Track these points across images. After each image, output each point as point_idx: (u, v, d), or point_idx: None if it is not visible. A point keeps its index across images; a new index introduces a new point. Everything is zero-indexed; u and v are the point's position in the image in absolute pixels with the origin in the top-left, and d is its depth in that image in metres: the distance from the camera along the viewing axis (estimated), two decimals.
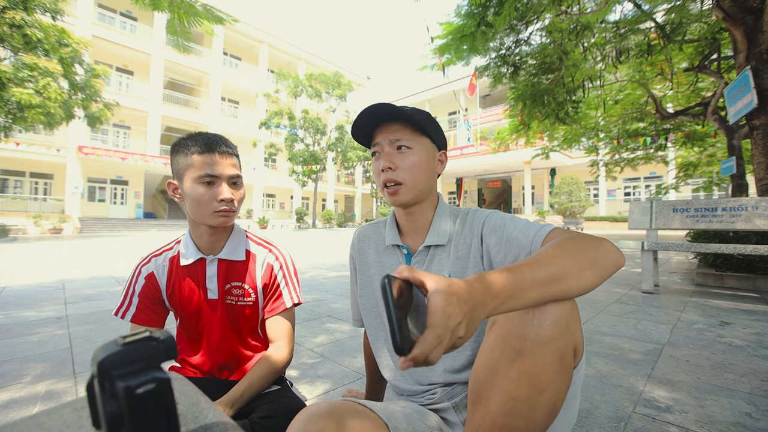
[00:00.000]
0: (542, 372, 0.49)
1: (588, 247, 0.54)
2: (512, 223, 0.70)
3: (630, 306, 2.68)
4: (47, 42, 9.48)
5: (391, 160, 0.73)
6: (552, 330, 0.49)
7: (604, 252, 0.54)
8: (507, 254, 0.68)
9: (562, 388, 0.51)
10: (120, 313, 0.93)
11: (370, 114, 0.73)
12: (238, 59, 26.24)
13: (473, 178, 27.00)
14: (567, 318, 0.50)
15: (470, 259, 0.74)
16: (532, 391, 0.49)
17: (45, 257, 6.41)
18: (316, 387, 1.40)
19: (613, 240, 10.65)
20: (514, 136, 8.25)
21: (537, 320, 0.50)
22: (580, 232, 0.60)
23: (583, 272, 0.51)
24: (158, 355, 0.24)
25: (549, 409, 0.51)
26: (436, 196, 0.81)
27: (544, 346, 0.49)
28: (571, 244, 0.53)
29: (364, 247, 0.89)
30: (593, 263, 0.52)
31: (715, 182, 10.02)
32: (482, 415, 0.52)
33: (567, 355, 0.51)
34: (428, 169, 0.76)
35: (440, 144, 0.80)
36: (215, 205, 0.86)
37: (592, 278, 0.51)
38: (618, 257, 0.55)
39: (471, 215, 0.78)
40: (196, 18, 3.32)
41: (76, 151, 17.46)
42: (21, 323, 2.28)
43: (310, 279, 4.05)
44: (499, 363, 0.51)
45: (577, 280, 0.50)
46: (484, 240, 0.73)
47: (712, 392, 1.31)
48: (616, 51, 5.15)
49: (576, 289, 0.50)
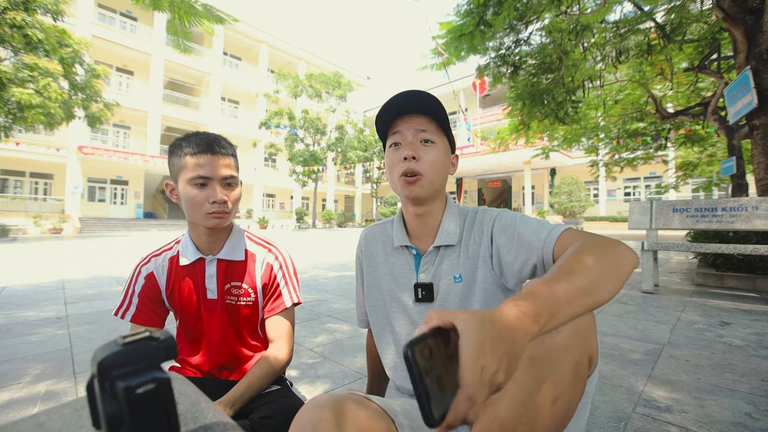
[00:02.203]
0: (557, 381, 0.48)
1: (609, 253, 0.52)
2: (523, 222, 0.69)
3: (630, 306, 2.68)
4: (48, 42, 9.49)
5: (415, 150, 0.71)
6: (569, 339, 0.49)
7: (623, 256, 0.53)
8: (518, 254, 0.67)
9: (575, 397, 0.51)
10: (120, 313, 0.93)
11: (398, 102, 0.71)
12: (238, 59, 26.24)
13: (473, 178, 26.99)
14: (584, 327, 0.50)
15: (480, 259, 0.74)
16: (545, 399, 0.48)
17: (45, 257, 6.41)
18: (316, 387, 1.40)
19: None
20: (513, 136, 8.25)
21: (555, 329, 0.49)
22: (593, 234, 0.59)
23: (609, 280, 0.49)
24: (158, 355, 0.24)
25: (560, 418, 0.50)
26: (445, 196, 0.81)
27: (561, 354, 0.48)
28: (593, 252, 0.52)
29: (372, 248, 0.88)
30: (616, 270, 0.51)
31: (715, 182, 10.02)
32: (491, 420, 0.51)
33: (582, 365, 0.50)
34: (445, 168, 0.75)
35: (453, 146, 0.80)
36: (208, 207, 0.85)
37: (617, 285, 0.50)
38: (635, 259, 0.54)
39: (480, 214, 0.78)
40: (197, 18, 3.32)
41: (76, 151, 17.47)
42: (21, 323, 2.28)
43: (310, 279, 4.05)
44: None
45: (605, 290, 0.48)
46: (494, 239, 0.72)
47: (712, 392, 1.31)
48: (616, 51, 5.15)
49: (604, 299, 0.48)
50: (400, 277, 0.80)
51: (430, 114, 0.73)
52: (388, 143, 0.76)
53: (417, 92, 0.70)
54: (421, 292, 0.76)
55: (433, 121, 0.73)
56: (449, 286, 0.75)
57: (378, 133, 0.79)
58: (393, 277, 0.82)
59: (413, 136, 0.72)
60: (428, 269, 0.77)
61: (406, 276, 0.79)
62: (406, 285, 0.79)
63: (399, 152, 0.73)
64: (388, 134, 0.76)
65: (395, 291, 0.80)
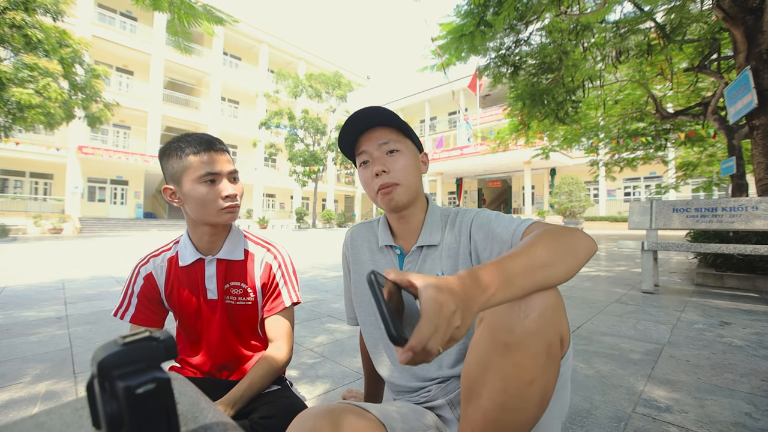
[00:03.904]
0: (531, 363, 0.50)
1: (563, 235, 0.56)
2: (497, 219, 0.73)
3: (630, 306, 2.68)
4: (48, 43, 9.50)
5: (384, 163, 0.74)
6: (538, 321, 0.50)
7: (579, 239, 0.57)
8: (492, 249, 0.71)
9: (551, 378, 0.53)
10: (119, 314, 0.93)
11: (353, 123, 0.75)
12: (238, 59, 26.25)
13: (473, 178, 26.99)
14: (552, 308, 0.52)
15: (460, 257, 0.76)
16: (522, 383, 0.50)
17: (45, 257, 6.41)
18: (316, 387, 1.40)
19: (612, 240, 10.66)
20: (513, 136, 8.25)
21: (523, 312, 0.51)
22: (555, 224, 0.62)
23: (562, 258, 0.53)
24: (158, 355, 0.24)
25: (539, 399, 0.52)
26: (425, 197, 0.84)
27: (532, 337, 0.50)
28: (548, 235, 0.56)
29: (358, 246, 0.90)
30: (571, 250, 0.55)
31: (715, 182, 10.02)
32: (475, 410, 0.53)
33: (554, 346, 0.52)
34: (417, 170, 0.79)
35: (419, 146, 0.83)
36: (220, 203, 0.86)
37: (573, 263, 0.54)
38: (591, 244, 0.58)
39: (461, 215, 0.81)
40: (196, 19, 3.32)
41: (76, 151, 17.47)
42: (21, 323, 2.28)
43: (310, 279, 4.05)
44: (488, 357, 0.52)
45: (558, 266, 0.52)
46: (472, 237, 0.75)
47: (712, 392, 1.31)
48: (616, 51, 5.15)
49: (559, 275, 0.52)
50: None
51: (386, 124, 0.76)
52: (357, 162, 0.80)
53: (367, 109, 0.73)
54: None
55: (393, 130, 0.77)
56: None
57: (346, 156, 0.83)
58: None
59: (377, 150, 0.75)
60: (412, 268, 0.80)
61: None
62: None
63: (369, 169, 0.76)
64: (355, 155, 0.80)
65: None
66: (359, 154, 0.78)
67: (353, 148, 0.80)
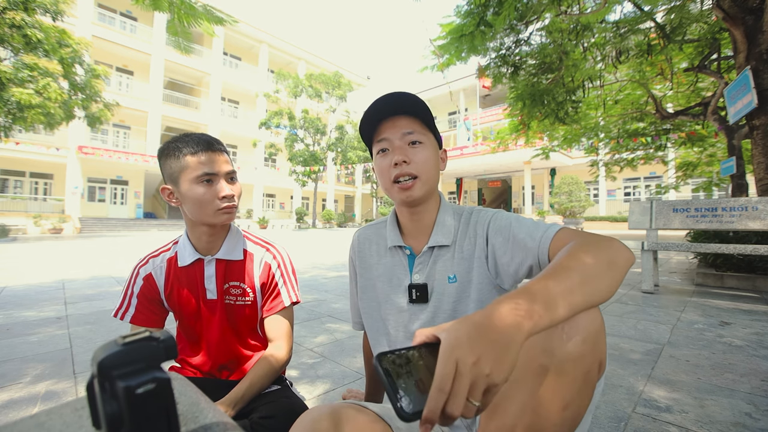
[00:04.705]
0: (567, 389, 0.48)
1: (604, 249, 0.52)
2: (518, 223, 0.69)
3: (630, 306, 2.68)
4: (47, 42, 9.49)
5: (405, 153, 0.70)
6: (582, 347, 0.48)
7: (618, 252, 0.53)
8: (513, 256, 0.66)
9: (584, 403, 0.50)
10: (119, 315, 0.93)
11: (379, 106, 0.70)
12: (238, 59, 26.24)
13: (473, 178, 26.99)
14: (596, 333, 0.49)
15: (475, 260, 0.73)
16: (555, 407, 0.47)
17: (45, 257, 6.41)
18: (316, 387, 1.40)
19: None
20: (513, 136, 8.25)
21: (566, 335, 0.47)
22: (588, 233, 0.59)
23: (605, 275, 0.49)
24: (158, 355, 0.24)
25: (570, 424, 0.49)
26: (438, 195, 0.80)
27: (572, 363, 0.47)
28: (588, 249, 0.52)
29: (365, 249, 0.87)
30: (612, 265, 0.50)
31: (715, 182, 10.02)
32: (498, 427, 0.50)
33: (593, 371, 0.50)
34: (437, 166, 0.75)
35: (440, 142, 0.79)
36: (218, 203, 0.85)
37: (614, 280, 0.50)
38: (629, 256, 0.54)
39: (475, 214, 0.77)
40: (196, 19, 3.32)
41: (76, 151, 17.46)
42: (21, 323, 2.28)
43: (310, 279, 4.05)
44: (521, 375, 0.48)
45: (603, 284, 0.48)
46: (489, 240, 0.72)
47: (712, 392, 1.31)
48: (616, 51, 5.15)
49: (603, 293, 0.48)
50: (393, 278, 0.79)
51: (413, 114, 0.72)
52: (375, 150, 0.75)
53: (397, 94, 0.70)
54: (415, 292, 0.75)
55: (417, 120, 0.73)
56: (443, 287, 0.74)
57: (363, 140, 0.78)
58: (387, 278, 0.81)
59: (400, 140, 0.71)
60: (422, 270, 0.76)
61: (400, 277, 0.78)
62: (399, 286, 0.78)
63: (388, 158, 0.72)
64: (374, 141, 0.75)
65: (389, 292, 0.80)
66: (379, 140, 0.73)
67: (372, 134, 0.75)
